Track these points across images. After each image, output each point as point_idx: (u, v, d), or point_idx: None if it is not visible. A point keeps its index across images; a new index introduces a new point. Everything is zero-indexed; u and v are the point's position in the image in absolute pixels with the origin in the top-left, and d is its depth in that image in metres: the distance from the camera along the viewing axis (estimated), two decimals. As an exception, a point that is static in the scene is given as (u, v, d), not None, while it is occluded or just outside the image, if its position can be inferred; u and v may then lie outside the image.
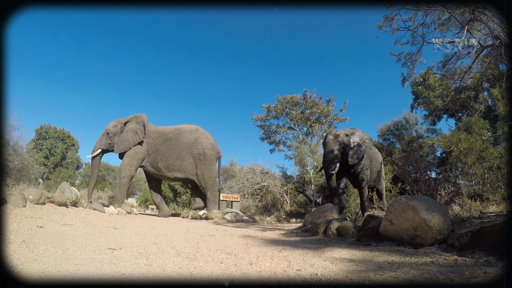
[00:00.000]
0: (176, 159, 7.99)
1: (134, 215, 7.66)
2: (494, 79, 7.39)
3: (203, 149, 8.13)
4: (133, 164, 7.80)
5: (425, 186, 4.61)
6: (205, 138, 8.30)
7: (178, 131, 8.24)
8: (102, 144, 7.97)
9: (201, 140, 8.19)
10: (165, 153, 7.96)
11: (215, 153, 8.40)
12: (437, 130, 16.02)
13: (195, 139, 8.17)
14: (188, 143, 8.09)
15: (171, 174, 8.10)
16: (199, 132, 8.33)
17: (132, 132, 7.90)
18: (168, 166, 8.00)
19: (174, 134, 8.14)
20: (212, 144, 8.39)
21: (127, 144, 7.79)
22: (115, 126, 8.11)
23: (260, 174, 12.74)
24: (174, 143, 8.02)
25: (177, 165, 8.02)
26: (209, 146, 8.25)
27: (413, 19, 5.72)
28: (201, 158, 8.08)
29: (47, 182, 14.54)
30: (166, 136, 8.10)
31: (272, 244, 3.19)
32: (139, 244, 2.89)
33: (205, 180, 8.11)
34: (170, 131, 8.23)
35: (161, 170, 8.02)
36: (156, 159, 7.98)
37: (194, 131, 8.31)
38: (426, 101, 14.37)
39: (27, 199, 4.35)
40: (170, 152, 7.97)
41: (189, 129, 8.33)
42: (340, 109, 15.51)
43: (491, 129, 12.08)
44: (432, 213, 2.51)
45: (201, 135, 8.30)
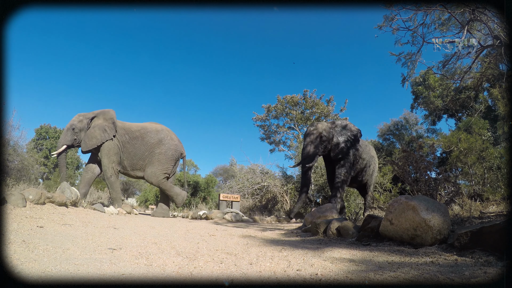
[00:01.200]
0: (140, 158, 7.93)
1: (134, 215, 7.66)
2: (494, 79, 7.39)
3: (165, 149, 8.09)
4: (114, 161, 7.68)
5: (425, 186, 4.61)
6: (170, 140, 8.25)
7: (144, 130, 8.14)
8: (67, 140, 7.72)
9: (165, 141, 8.14)
10: (131, 151, 7.88)
11: (177, 154, 8.37)
12: (437, 130, 16.03)
13: (160, 139, 8.11)
14: (153, 143, 8.01)
15: (134, 173, 8.07)
16: (164, 133, 8.27)
17: (100, 129, 7.67)
18: (132, 165, 7.92)
19: (140, 133, 8.04)
20: (176, 145, 8.35)
21: (95, 141, 7.57)
22: (81, 121, 7.82)
23: (260, 174, 12.74)
24: (140, 143, 7.94)
25: (140, 164, 7.95)
26: (172, 148, 8.21)
27: (413, 19, 5.73)
28: (161, 157, 8.03)
29: (47, 182, 14.53)
30: (132, 134, 8.00)
31: (272, 244, 3.19)
32: (139, 244, 2.89)
33: (157, 177, 8.00)
34: (136, 129, 8.13)
35: (126, 168, 7.94)
36: (122, 157, 7.87)
37: (160, 131, 8.23)
38: (426, 101, 14.37)
39: (27, 199, 4.35)
40: (135, 151, 7.89)
41: (155, 129, 8.24)
42: (340, 109, 15.53)
43: (491, 129, 12.08)
44: (432, 213, 2.51)
45: (166, 136, 8.24)
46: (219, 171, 29.76)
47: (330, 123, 8.55)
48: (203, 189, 19.59)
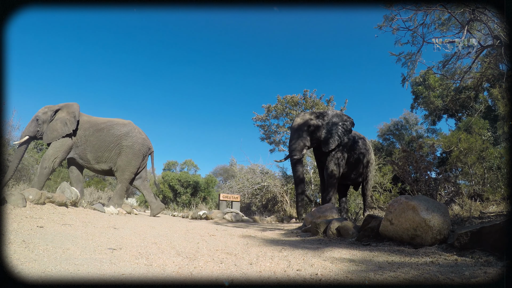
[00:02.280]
0: (105, 150, 7.77)
1: (134, 215, 7.66)
2: (494, 79, 7.39)
3: (132, 142, 7.93)
4: (58, 156, 7.44)
5: (425, 186, 4.61)
6: (137, 133, 8.12)
7: (110, 123, 8.03)
8: (30, 131, 7.51)
9: (132, 134, 8.00)
10: (95, 144, 7.72)
11: (145, 149, 8.20)
12: (437, 130, 16.03)
13: (127, 132, 7.97)
14: (119, 135, 7.87)
15: (99, 166, 7.89)
16: (131, 126, 8.14)
17: (61, 123, 7.50)
18: (97, 158, 7.76)
19: (106, 125, 7.92)
20: (143, 139, 8.21)
21: (56, 134, 7.41)
22: (45, 113, 7.63)
23: (260, 174, 12.75)
24: (105, 134, 7.79)
25: (105, 156, 7.80)
26: (140, 141, 8.06)
27: (413, 19, 5.72)
28: (128, 150, 7.88)
29: (47, 182, 14.52)
30: (97, 127, 7.86)
31: (272, 244, 3.19)
32: (139, 244, 2.89)
33: (123, 172, 7.83)
34: (102, 122, 8.00)
35: (90, 162, 7.79)
36: (85, 150, 7.72)
37: (127, 125, 8.12)
38: (426, 101, 14.38)
39: (27, 199, 4.35)
40: (100, 143, 7.74)
41: (122, 123, 8.14)
42: (340, 109, 15.51)
43: (491, 129, 12.08)
44: (432, 213, 2.51)
45: (133, 129, 8.12)
46: (219, 171, 29.75)
47: (319, 113, 7.98)
48: (203, 189, 19.60)
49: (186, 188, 19.33)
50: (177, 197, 19.43)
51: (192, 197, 19.23)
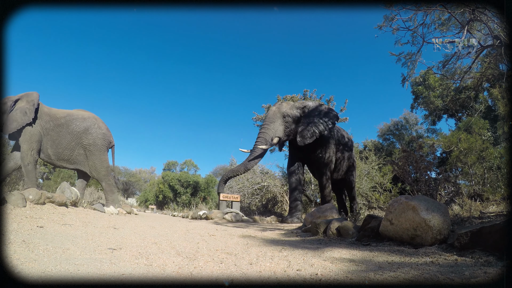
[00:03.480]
0: (66, 148, 7.62)
1: (134, 215, 7.66)
2: (494, 79, 7.39)
3: (93, 139, 7.78)
4: (34, 148, 7.29)
5: (425, 186, 4.61)
6: (97, 128, 7.94)
7: (70, 117, 7.82)
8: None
9: (91, 130, 7.83)
10: (55, 139, 7.56)
11: (107, 143, 8.06)
12: (437, 130, 16.05)
13: (86, 128, 7.79)
14: (78, 131, 7.70)
15: (59, 163, 7.76)
16: (91, 121, 7.95)
17: (21, 112, 7.24)
18: (57, 154, 7.61)
19: (65, 120, 7.73)
20: (104, 134, 8.04)
21: (16, 124, 7.14)
22: (5, 104, 7.35)
23: (260, 174, 12.74)
24: (65, 131, 7.62)
25: (67, 154, 7.66)
26: (100, 136, 7.90)
27: (413, 19, 5.72)
28: (92, 149, 7.74)
29: (47, 182, 14.54)
30: (57, 121, 7.67)
31: (272, 244, 3.19)
32: (139, 244, 2.89)
33: (98, 171, 7.76)
34: (62, 116, 7.80)
35: (50, 157, 7.63)
36: (46, 145, 7.54)
37: (86, 119, 7.91)
38: (426, 101, 14.38)
39: (27, 199, 4.35)
40: (60, 139, 7.58)
41: (81, 117, 7.92)
42: (340, 109, 15.51)
43: (491, 129, 12.08)
44: (432, 213, 2.51)
45: (93, 124, 7.93)
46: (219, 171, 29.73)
47: (298, 103, 7.29)
48: (203, 189, 19.60)
49: (186, 188, 19.33)
50: (177, 197, 19.41)
51: (192, 197, 19.21)
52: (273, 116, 6.81)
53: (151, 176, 35.25)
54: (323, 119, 6.96)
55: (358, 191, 10.49)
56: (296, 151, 7.40)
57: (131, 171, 33.51)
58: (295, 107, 7.04)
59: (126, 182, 31.71)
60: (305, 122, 6.90)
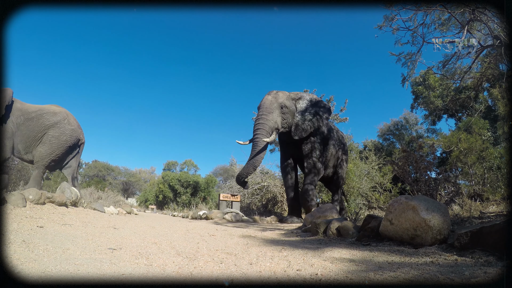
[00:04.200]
0: (33, 139, 7.53)
1: (134, 215, 7.66)
2: (494, 79, 7.39)
3: (59, 133, 7.69)
4: (6, 145, 7.18)
5: (425, 186, 4.61)
6: (66, 123, 7.84)
7: (41, 111, 7.74)
8: None
9: (60, 125, 7.74)
10: (25, 133, 7.48)
11: (73, 140, 7.95)
12: (437, 130, 16.06)
13: (55, 122, 7.70)
14: (47, 125, 7.60)
15: (27, 157, 7.65)
16: (61, 116, 7.87)
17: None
18: (26, 148, 7.52)
19: (36, 114, 7.64)
20: (72, 130, 7.93)
21: None
22: None
23: (260, 174, 12.74)
24: (34, 124, 7.53)
25: (33, 146, 7.55)
26: (67, 132, 7.80)
27: (413, 19, 5.73)
28: (53, 140, 7.62)
29: (47, 182, 14.53)
30: (28, 116, 7.59)
31: (272, 244, 3.19)
32: (139, 244, 2.89)
33: (42, 158, 7.51)
34: (33, 111, 7.71)
35: (20, 152, 7.55)
36: (16, 140, 7.46)
37: (57, 114, 7.83)
38: (426, 101, 14.38)
39: (27, 199, 4.35)
40: (29, 133, 7.50)
41: (53, 111, 7.84)
42: (340, 109, 15.50)
43: (491, 129, 12.09)
44: (432, 213, 2.51)
45: (63, 119, 7.84)
46: (219, 171, 29.73)
47: (293, 94, 6.94)
48: (203, 189, 19.59)
49: (186, 188, 19.33)
50: (177, 197, 19.40)
51: (192, 197, 19.21)
52: (271, 106, 6.31)
53: (151, 176, 35.29)
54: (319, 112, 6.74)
55: (358, 191, 10.49)
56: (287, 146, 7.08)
57: (131, 171, 33.56)
58: (290, 98, 6.71)
59: (126, 182, 31.75)
60: (300, 114, 6.61)
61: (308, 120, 6.55)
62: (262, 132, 6.17)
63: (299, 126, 6.51)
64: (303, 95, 6.96)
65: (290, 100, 6.64)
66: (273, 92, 6.73)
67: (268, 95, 6.56)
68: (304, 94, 7.02)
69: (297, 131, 6.51)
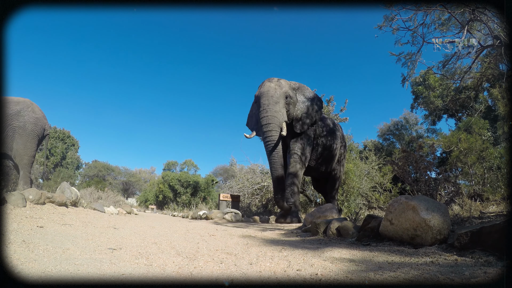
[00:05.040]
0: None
1: (134, 215, 7.66)
2: (494, 79, 7.39)
3: (24, 122, 7.42)
4: None
5: (425, 186, 4.61)
6: (30, 112, 7.58)
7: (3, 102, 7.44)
8: None
9: (24, 113, 7.47)
10: None
11: (38, 129, 7.67)
12: (437, 130, 16.08)
13: (18, 111, 7.44)
14: (10, 114, 7.35)
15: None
16: (25, 104, 7.62)
17: None
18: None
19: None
20: (37, 118, 7.65)
21: None
22: None
23: (260, 174, 12.74)
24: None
25: None
26: (32, 121, 7.51)
27: (413, 19, 5.73)
28: (20, 132, 7.36)
29: (47, 182, 14.53)
30: None
31: (272, 244, 3.19)
32: (139, 244, 2.89)
33: (21, 157, 7.36)
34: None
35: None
36: None
37: (20, 103, 7.59)
38: (426, 101, 14.39)
39: (27, 199, 4.35)
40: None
41: (16, 101, 7.62)
42: (340, 109, 15.49)
43: (491, 129, 12.09)
44: (432, 213, 2.51)
45: (27, 107, 7.57)
46: (219, 171, 29.72)
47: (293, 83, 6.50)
48: (203, 189, 19.60)
49: (186, 188, 19.33)
50: (177, 197, 19.40)
51: (192, 197, 19.21)
52: (275, 95, 5.77)
53: (151, 176, 35.29)
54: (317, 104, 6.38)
55: (358, 191, 10.49)
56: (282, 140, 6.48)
57: (131, 171, 33.56)
58: (291, 88, 6.24)
59: (126, 182, 31.75)
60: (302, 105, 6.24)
61: (312, 112, 6.22)
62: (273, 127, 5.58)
63: (305, 118, 6.12)
64: (301, 85, 6.59)
65: (292, 90, 6.23)
66: (275, 79, 6.19)
67: (270, 82, 6.02)
68: (302, 85, 6.62)
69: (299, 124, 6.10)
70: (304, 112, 6.23)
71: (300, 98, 6.35)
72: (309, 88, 6.76)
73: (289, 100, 6.03)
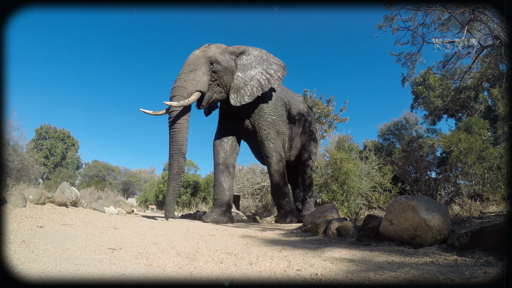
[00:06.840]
0: None
1: (134, 215, 7.66)
2: (494, 79, 7.39)
3: None
4: None
5: (425, 186, 4.61)
6: None
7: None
8: None
9: None
10: None
11: None
12: (437, 130, 16.07)
13: None
14: None
15: None
16: None
17: None
18: None
19: None
20: None
21: None
22: None
23: (260, 174, 12.73)
24: None
25: None
26: None
27: (413, 19, 5.73)
28: None
29: (47, 182, 14.54)
30: None
31: (272, 244, 3.19)
32: (139, 244, 2.89)
33: None
34: None
35: None
36: None
37: None
38: (426, 101, 14.39)
39: (27, 199, 4.35)
40: None
41: None
42: (340, 109, 15.50)
43: (491, 129, 12.08)
44: (432, 213, 2.51)
45: None
46: (219, 171, 29.56)
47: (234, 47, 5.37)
48: (203, 189, 19.58)
49: (186, 188, 19.32)
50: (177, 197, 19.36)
51: (192, 197, 19.20)
52: (195, 62, 4.83)
53: (151, 176, 35.26)
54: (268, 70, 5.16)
55: (358, 191, 10.48)
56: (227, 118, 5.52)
57: (131, 171, 33.54)
58: (228, 52, 5.15)
59: (126, 182, 31.74)
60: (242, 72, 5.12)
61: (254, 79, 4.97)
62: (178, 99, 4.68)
63: (240, 88, 4.99)
64: (247, 48, 5.35)
65: (227, 54, 5.07)
66: (205, 45, 5.17)
67: (197, 50, 5.04)
68: (250, 48, 5.38)
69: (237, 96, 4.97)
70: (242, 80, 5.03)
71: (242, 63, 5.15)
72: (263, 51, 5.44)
73: (216, 67, 4.90)
